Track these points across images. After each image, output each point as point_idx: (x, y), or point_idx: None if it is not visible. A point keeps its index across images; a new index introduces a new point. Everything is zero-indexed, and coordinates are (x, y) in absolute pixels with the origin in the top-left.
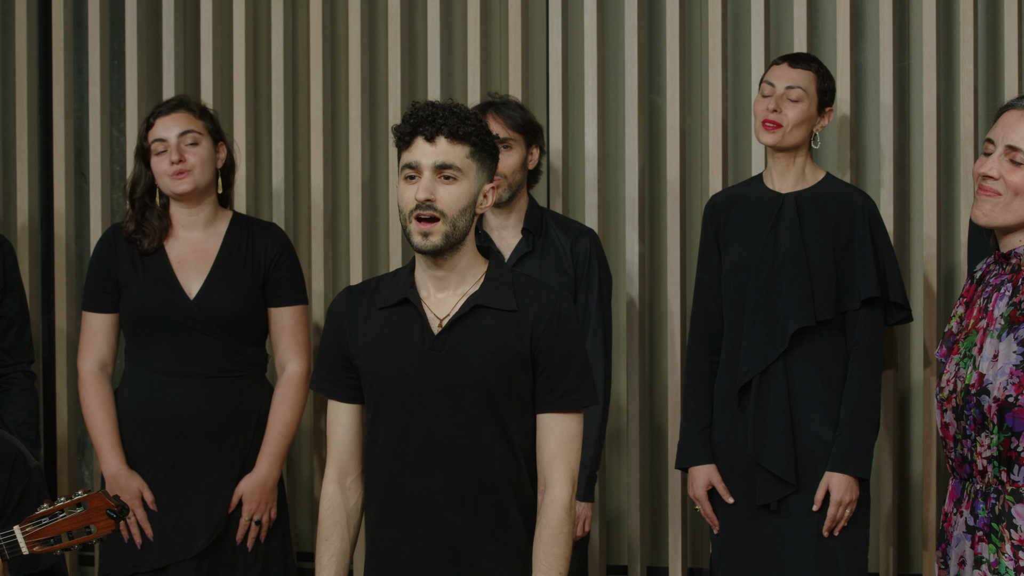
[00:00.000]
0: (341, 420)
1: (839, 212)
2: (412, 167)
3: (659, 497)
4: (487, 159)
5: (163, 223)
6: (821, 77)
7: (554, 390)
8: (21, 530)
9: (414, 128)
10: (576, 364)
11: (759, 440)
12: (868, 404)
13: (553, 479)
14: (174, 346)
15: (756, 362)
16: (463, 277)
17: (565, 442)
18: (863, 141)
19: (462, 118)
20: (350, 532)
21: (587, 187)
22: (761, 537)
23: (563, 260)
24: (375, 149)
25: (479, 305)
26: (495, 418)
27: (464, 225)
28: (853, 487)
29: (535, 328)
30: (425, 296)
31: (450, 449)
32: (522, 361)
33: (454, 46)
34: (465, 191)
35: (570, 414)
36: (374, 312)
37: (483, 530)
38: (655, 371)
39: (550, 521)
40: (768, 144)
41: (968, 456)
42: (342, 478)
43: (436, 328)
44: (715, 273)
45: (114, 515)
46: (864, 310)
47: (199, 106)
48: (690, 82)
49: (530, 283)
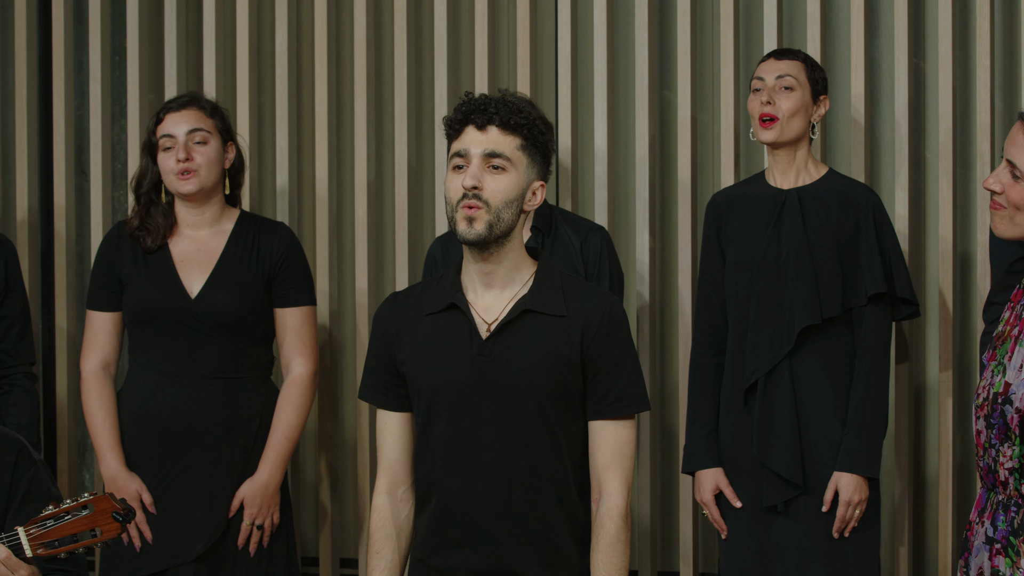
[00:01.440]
0: (391, 429)
1: (843, 207)
2: (461, 155)
3: (670, 500)
4: (538, 155)
5: (168, 220)
6: (810, 66)
7: (605, 396)
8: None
9: (466, 116)
10: (628, 369)
11: (765, 441)
12: (876, 402)
13: (608, 487)
14: (175, 346)
15: (762, 362)
16: (510, 276)
17: (618, 449)
18: (877, 139)
19: (515, 109)
20: (401, 545)
21: (597, 184)
22: (770, 540)
23: (573, 258)
24: (381, 146)
25: (528, 310)
26: (544, 425)
27: (510, 218)
28: (862, 487)
29: (585, 333)
30: (472, 299)
31: (496, 456)
32: (572, 367)
33: (461, 42)
34: (513, 183)
35: (623, 420)
36: (421, 318)
37: (527, 539)
38: (666, 371)
39: (608, 531)
40: (768, 141)
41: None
42: (393, 489)
43: (484, 333)
44: (718, 273)
45: (120, 518)
46: (871, 306)
47: (210, 104)
48: (701, 77)
49: (580, 286)
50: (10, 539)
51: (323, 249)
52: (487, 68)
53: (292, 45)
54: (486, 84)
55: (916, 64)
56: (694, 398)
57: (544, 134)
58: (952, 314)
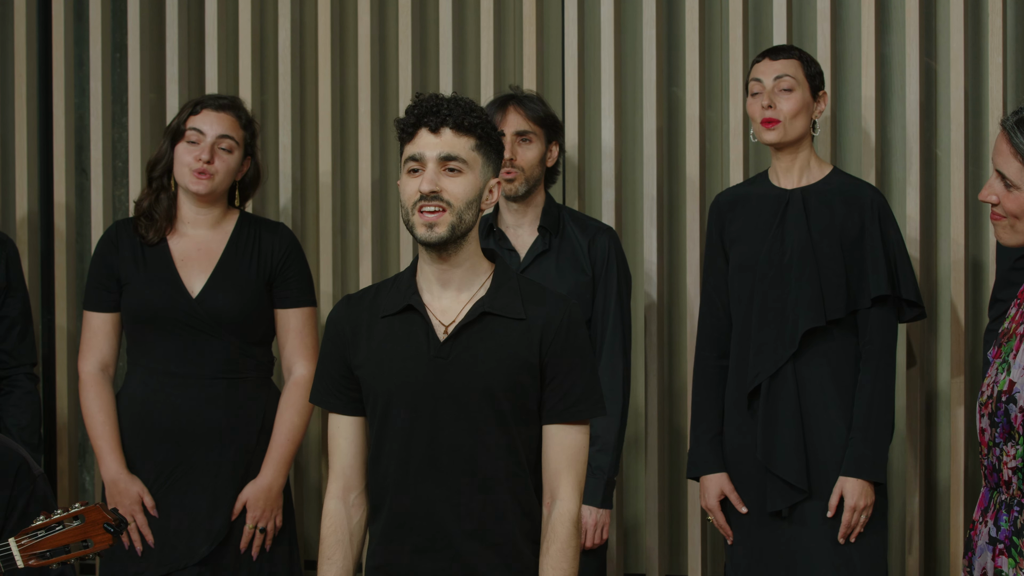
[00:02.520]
0: (343, 434)
1: (847, 207)
2: (416, 159)
3: (678, 504)
4: (492, 153)
5: (172, 210)
6: (806, 62)
7: (562, 401)
8: (16, 543)
9: (418, 119)
10: (585, 374)
11: (769, 445)
12: (881, 406)
13: (561, 492)
14: (175, 346)
15: (766, 365)
16: (467, 278)
17: (572, 454)
18: (888, 137)
19: (467, 109)
20: (353, 550)
21: (604, 183)
22: (776, 545)
23: (580, 259)
24: (385, 145)
25: (487, 312)
26: (501, 428)
27: (470, 219)
28: (868, 492)
29: (544, 337)
30: (429, 301)
31: (454, 459)
32: (530, 370)
33: (467, 39)
34: (471, 184)
35: (577, 425)
36: (377, 320)
37: (487, 542)
38: (674, 374)
39: (558, 535)
40: (771, 142)
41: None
42: (345, 494)
43: (442, 335)
44: (721, 275)
45: (111, 529)
46: (876, 308)
47: (247, 116)
48: (710, 75)
49: (538, 290)
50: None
51: (326, 249)
52: (493, 64)
53: (295, 42)
54: (491, 81)
55: (927, 62)
56: (698, 402)
57: (496, 130)
58: (964, 317)
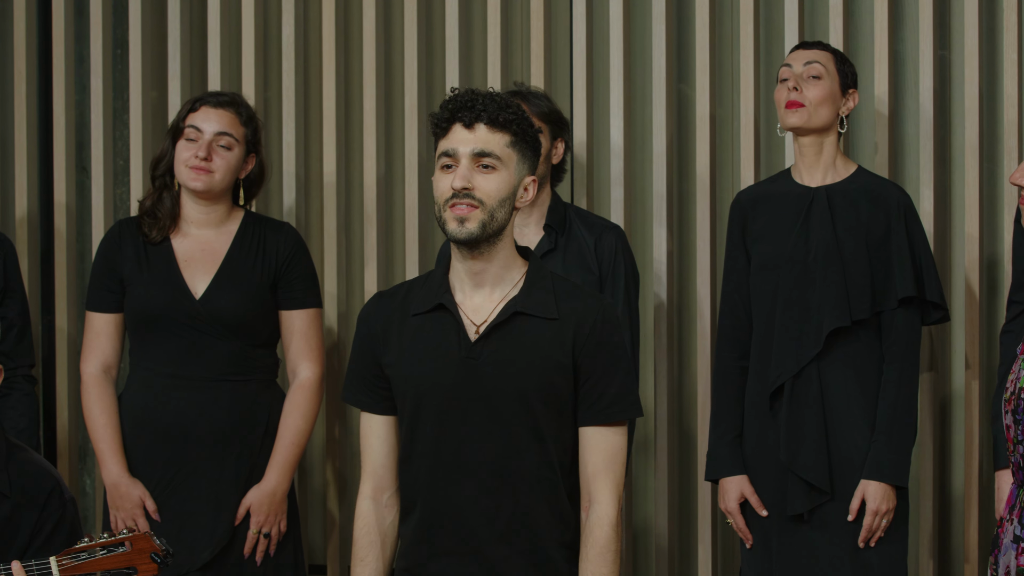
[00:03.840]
0: (376, 433)
1: (873, 207)
2: (449, 155)
3: (688, 508)
4: (528, 150)
5: (175, 210)
6: (839, 58)
7: (597, 402)
8: (57, 562)
9: (452, 114)
10: (621, 374)
11: (792, 447)
12: (905, 409)
13: (598, 495)
14: (178, 348)
15: (788, 365)
16: (500, 276)
17: (610, 457)
18: (901, 134)
19: (503, 105)
20: (386, 552)
21: (612, 181)
22: (793, 549)
23: (587, 258)
24: (390, 143)
25: (519, 311)
26: (533, 430)
27: (503, 217)
28: (890, 496)
29: (577, 336)
30: (461, 300)
31: (485, 462)
32: (563, 371)
33: (473, 34)
34: (505, 182)
35: (614, 427)
36: (408, 318)
37: (517, 547)
38: (684, 375)
39: (597, 540)
40: (793, 126)
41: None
42: (378, 494)
43: (473, 335)
44: (742, 273)
45: (158, 560)
46: (901, 310)
47: (248, 112)
48: (721, 71)
49: (572, 288)
50: (41, 567)
51: (331, 249)
52: (500, 61)
53: (299, 38)
54: (499, 77)
55: (941, 57)
56: (717, 403)
57: (532, 126)
58: (979, 317)
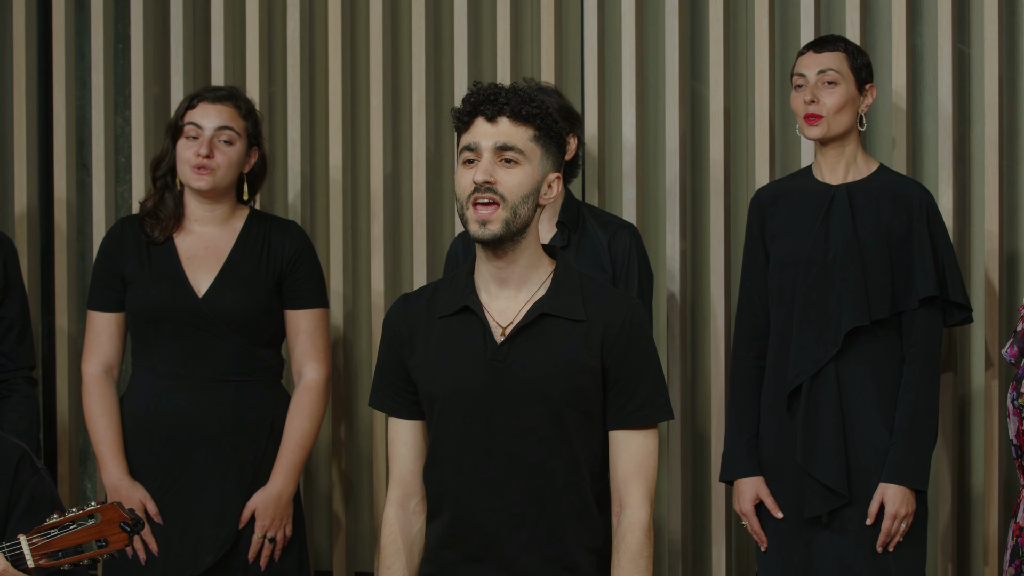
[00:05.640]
0: (403, 438)
1: (894, 205)
2: (471, 149)
3: (702, 510)
4: (552, 146)
5: (179, 209)
6: (852, 55)
7: (627, 405)
8: (28, 541)
9: (475, 107)
10: (650, 376)
11: (809, 448)
12: (925, 410)
13: (630, 500)
14: (181, 348)
15: (807, 365)
16: (526, 276)
17: (641, 460)
18: (920, 131)
19: (526, 99)
20: (413, 559)
21: (625, 179)
22: (810, 553)
23: (601, 256)
24: (397, 139)
25: (546, 313)
26: (560, 434)
27: (526, 214)
28: (909, 499)
29: (605, 338)
30: (486, 301)
31: (510, 467)
32: (591, 374)
33: (482, 28)
34: (528, 177)
35: (645, 430)
36: (434, 321)
37: (544, 554)
38: (698, 375)
39: (629, 546)
40: (815, 138)
41: None
42: (405, 501)
43: (499, 337)
44: (761, 271)
45: (128, 528)
46: (922, 310)
47: (247, 104)
48: (735, 67)
49: (600, 288)
50: (12, 548)
51: (337, 248)
52: (509, 56)
53: (304, 32)
54: (508, 72)
55: (961, 52)
56: (734, 403)
57: (556, 121)
58: (999, 315)
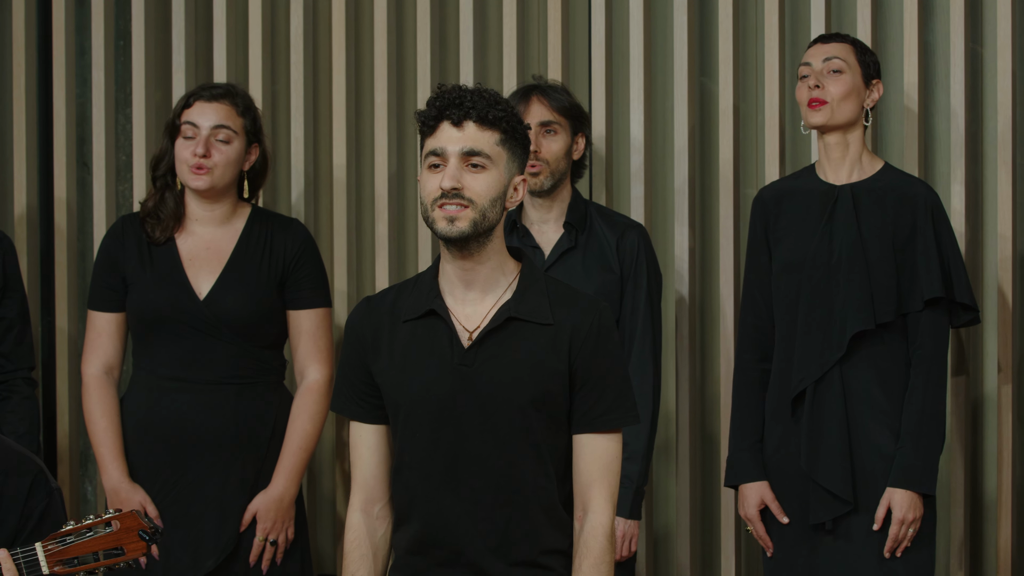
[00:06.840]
0: (366, 443)
1: (899, 205)
2: (437, 154)
3: (710, 514)
4: (518, 148)
5: (179, 209)
6: (859, 49)
7: (593, 409)
8: (43, 548)
9: (440, 112)
10: (617, 381)
11: (813, 454)
12: (932, 414)
13: (593, 504)
14: (182, 349)
15: (811, 369)
16: (493, 278)
17: (606, 464)
18: (932, 129)
19: (492, 102)
20: (378, 565)
21: (633, 177)
22: (817, 559)
23: (608, 256)
24: (402, 138)
25: (513, 317)
26: (528, 439)
27: (494, 217)
28: (917, 504)
29: (573, 343)
30: (452, 304)
31: (479, 472)
32: (559, 378)
33: (488, 25)
34: (495, 180)
35: (610, 434)
36: (398, 325)
37: (511, 559)
38: (706, 377)
39: (591, 549)
40: (817, 124)
41: None
42: (368, 507)
43: (466, 341)
44: (764, 273)
45: (147, 537)
46: (928, 312)
47: (245, 101)
48: (744, 64)
49: (567, 292)
50: (27, 555)
51: (341, 247)
52: (516, 53)
53: (308, 29)
54: (515, 70)
55: (973, 49)
56: (738, 407)
57: (522, 123)
58: (1012, 318)
